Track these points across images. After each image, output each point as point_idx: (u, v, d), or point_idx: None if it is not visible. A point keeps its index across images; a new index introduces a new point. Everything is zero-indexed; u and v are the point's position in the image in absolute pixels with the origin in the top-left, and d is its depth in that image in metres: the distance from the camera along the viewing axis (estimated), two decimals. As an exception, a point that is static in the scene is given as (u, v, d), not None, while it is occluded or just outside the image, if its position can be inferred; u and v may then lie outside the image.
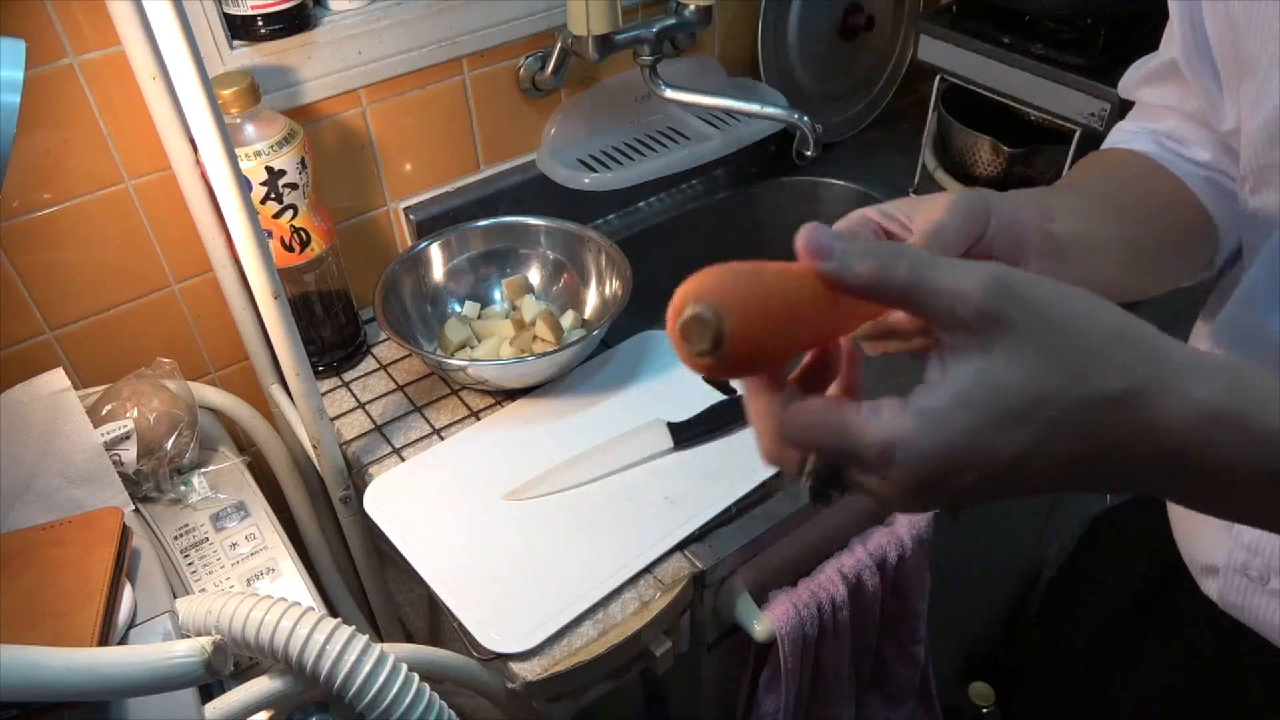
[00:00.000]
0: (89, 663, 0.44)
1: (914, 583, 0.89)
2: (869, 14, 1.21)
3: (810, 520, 0.81)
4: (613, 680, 0.74)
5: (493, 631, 0.69)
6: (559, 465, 0.82)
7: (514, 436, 0.86)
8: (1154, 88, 0.64)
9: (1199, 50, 0.57)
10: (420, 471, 0.83)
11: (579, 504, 0.79)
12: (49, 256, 0.82)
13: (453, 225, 0.99)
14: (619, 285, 0.92)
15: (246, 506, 0.80)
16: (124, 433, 0.76)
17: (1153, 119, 0.65)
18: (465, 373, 0.86)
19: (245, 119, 0.79)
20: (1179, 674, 0.71)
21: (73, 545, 0.63)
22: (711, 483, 0.80)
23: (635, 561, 0.74)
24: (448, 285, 0.98)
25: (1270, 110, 0.50)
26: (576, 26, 0.92)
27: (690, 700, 0.90)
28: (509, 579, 0.73)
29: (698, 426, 0.83)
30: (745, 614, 0.80)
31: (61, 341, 0.87)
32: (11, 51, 0.46)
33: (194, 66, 0.60)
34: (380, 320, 0.87)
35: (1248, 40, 0.51)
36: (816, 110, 1.13)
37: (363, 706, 0.57)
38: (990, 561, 1.23)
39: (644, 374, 0.92)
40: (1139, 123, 0.66)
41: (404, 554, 0.76)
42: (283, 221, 0.83)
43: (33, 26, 0.73)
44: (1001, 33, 1.04)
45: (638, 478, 0.81)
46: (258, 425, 0.92)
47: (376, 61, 0.90)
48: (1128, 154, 0.64)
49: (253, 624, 0.56)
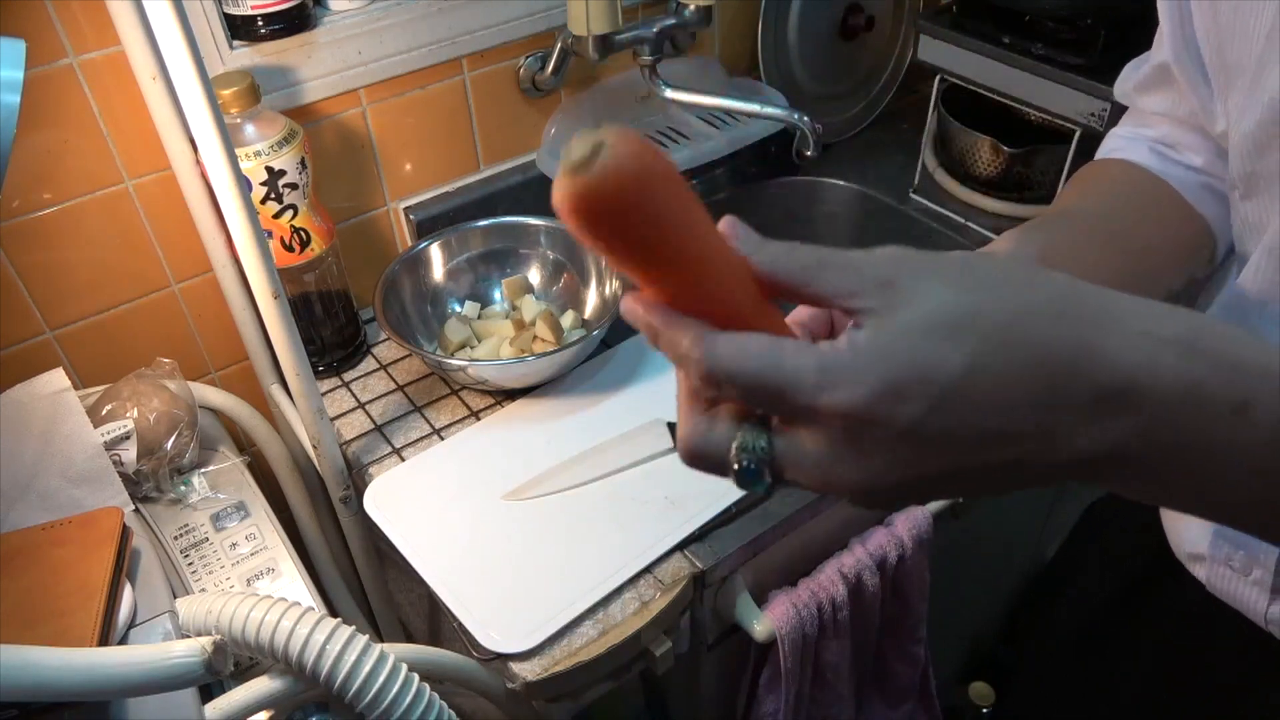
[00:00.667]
0: (89, 663, 0.44)
1: (914, 583, 0.89)
2: (869, 14, 1.21)
3: (810, 520, 0.81)
4: (613, 680, 0.74)
5: (493, 631, 0.69)
6: (559, 465, 0.82)
7: (514, 436, 0.86)
8: (1147, 94, 0.64)
9: (1189, 52, 0.57)
10: (420, 471, 0.83)
11: (579, 504, 0.79)
12: (49, 256, 0.82)
13: (452, 225, 0.99)
14: (619, 285, 0.92)
15: (246, 506, 0.80)
16: (124, 433, 0.76)
17: (1146, 124, 0.65)
18: (465, 373, 0.86)
19: (245, 119, 0.79)
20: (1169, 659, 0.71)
21: (73, 545, 0.63)
22: (711, 483, 0.79)
23: (635, 561, 0.74)
24: (448, 285, 0.98)
25: (1255, 118, 0.50)
26: (576, 26, 0.92)
27: (690, 700, 0.90)
28: (509, 579, 0.73)
29: None
30: (745, 614, 0.80)
31: (61, 341, 0.87)
32: (11, 51, 0.46)
33: (194, 66, 0.60)
34: (380, 320, 0.87)
35: (1232, 46, 0.51)
36: (816, 110, 1.13)
37: (363, 706, 0.57)
38: (990, 561, 1.23)
39: (644, 374, 0.92)
40: (1133, 128, 0.66)
41: (404, 554, 0.76)
42: (283, 221, 0.83)
43: (33, 26, 0.73)
44: (1001, 33, 1.04)
45: (638, 478, 0.81)
46: (258, 425, 0.92)
47: (376, 61, 0.90)
48: (1121, 168, 0.64)
49: (253, 624, 0.56)
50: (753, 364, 0.31)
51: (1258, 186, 0.52)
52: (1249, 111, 0.50)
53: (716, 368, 0.31)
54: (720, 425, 0.34)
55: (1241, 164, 0.52)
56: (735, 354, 0.31)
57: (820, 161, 1.07)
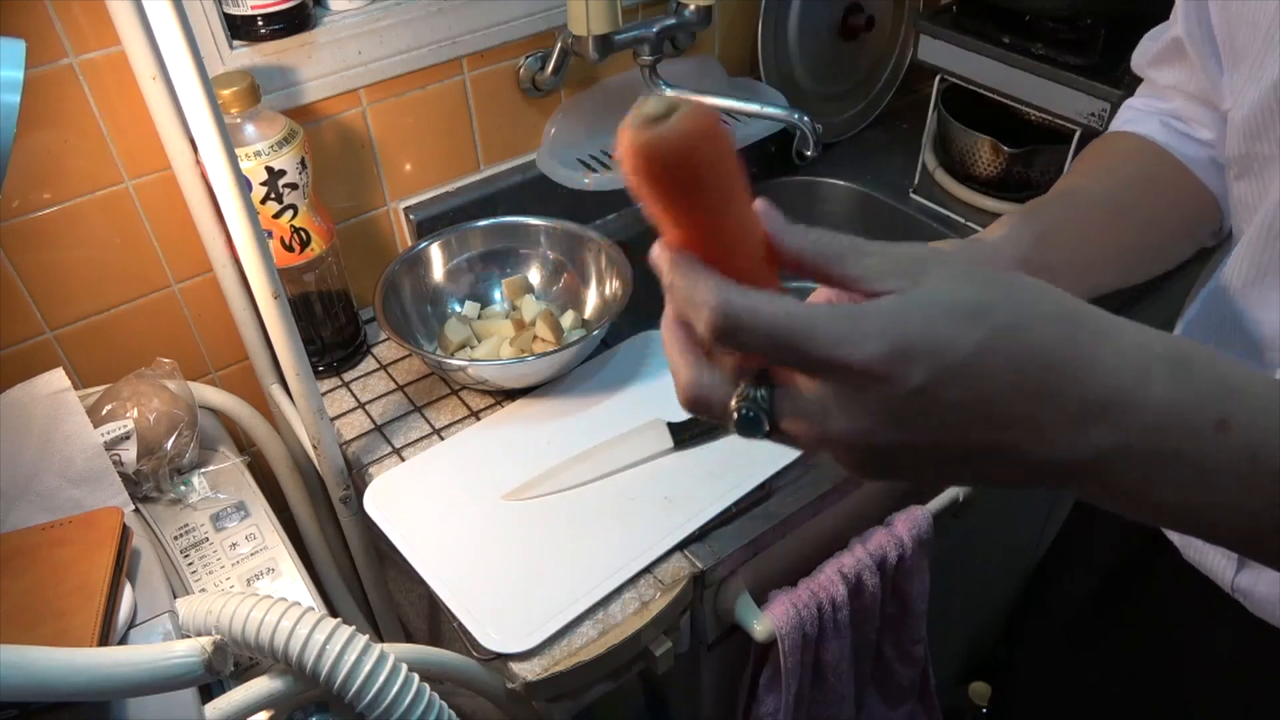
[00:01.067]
0: (89, 663, 0.44)
1: (914, 583, 0.89)
2: (869, 14, 1.21)
3: (810, 520, 0.81)
4: (613, 680, 0.74)
5: (493, 631, 0.69)
6: (559, 465, 0.82)
7: (514, 436, 0.86)
8: (1161, 68, 0.65)
9: (1202, 29, 0.58)
10: (420, 472, 0.83)
11: (579, 504, 0.79)
12: (49, 256, 0.82)
13: (452, 225, 0.99)
14: (619, 285, 0.92)
15: (246, 506, 0.80)
16: (124, 433, 0.76)
17: (1160, 98, 0.67)
18: (465, 373, 0.86)
19: (245, 119, 0.79)
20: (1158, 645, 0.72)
21: (73, 545, 0.63)
22: (711, 483, 0.80)
23: (635, 561, 0.74)
24: (448, 285, 0.98)
25: (1252, 102, 0.51)
26: (576, 26, 0.92)
27: (690, 700, 0.90)
28: (508, 578, 0.73)
29: (698, 426, 0.83)
30: (745, 614, 0.80)
31: (61, 341, 0.87)
32: (11, 51, 0.46)
33: (194, 66, 0.60)
34: (380, 320, 0.87)
35: (1239, 30, 0.53)
36: (816, 110, 1.13)
37: (363, 706, 0.57)
38: (990, 561, 1.23)
39: (644, 374, 0.92)
40: (1147, 100, 0.68)
41: (404, 554, 0.76)
42: (283, 221, 0.83)
43: (33, 26, 0.73)
44: (1001, 33, 1.04)
45: (638, 478, 0.81)
46: (258, 425, 0.92)
47: (376, 61, 0.90)
48: (1129, 141, 0.66)
49: (253, 624, 0.56)
50: (773, 313, 0.32)
51: (1251, 168, 0.54)
52: (1248, 95, 0.52)
53: (734, 314, 0.33)
54: (720, 374, 0.36)
55: (1238, 145, 0.54)
56: (755, 303, 0.33)
57: (820, 161, 1.07)
